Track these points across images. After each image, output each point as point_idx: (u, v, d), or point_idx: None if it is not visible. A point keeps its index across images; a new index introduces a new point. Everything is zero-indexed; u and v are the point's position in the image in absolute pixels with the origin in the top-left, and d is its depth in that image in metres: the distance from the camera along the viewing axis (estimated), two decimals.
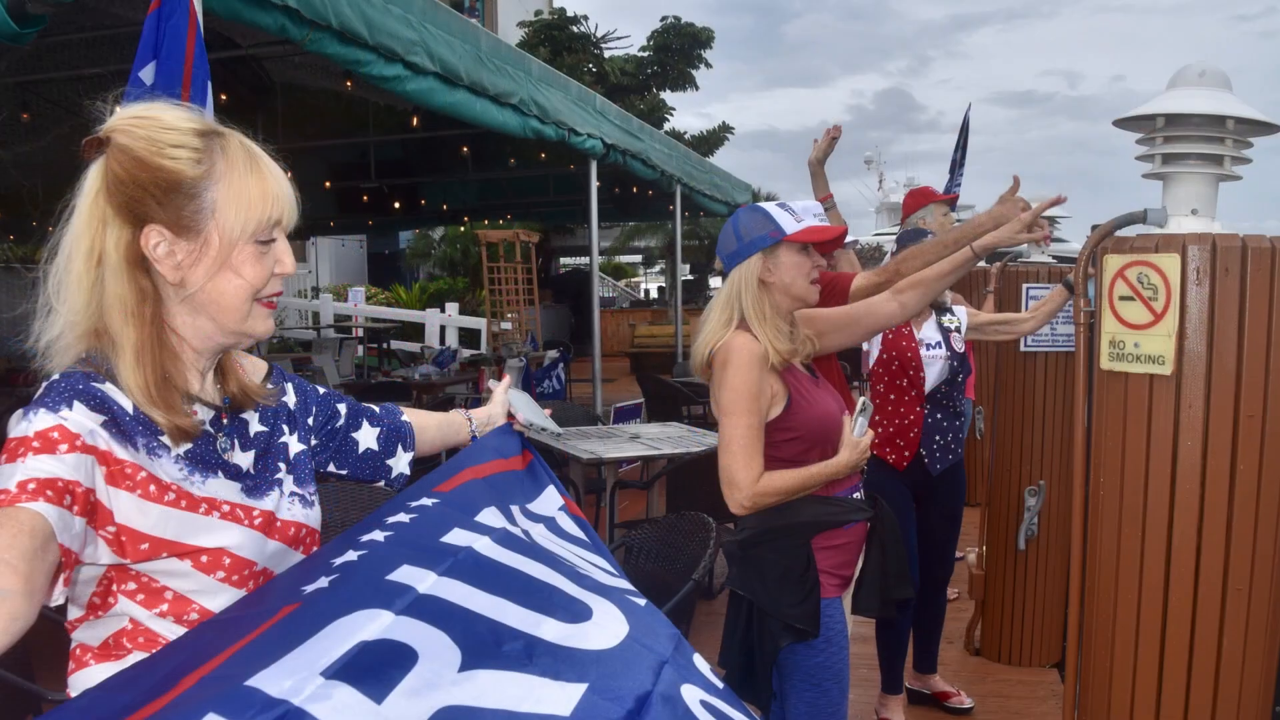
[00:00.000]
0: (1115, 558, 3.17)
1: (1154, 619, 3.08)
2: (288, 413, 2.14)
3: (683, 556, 4.33)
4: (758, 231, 3.35)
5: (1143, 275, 3.03)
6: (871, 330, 3.82)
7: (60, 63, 9.38)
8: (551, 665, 1.69)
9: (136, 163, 1.74)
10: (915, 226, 5.69)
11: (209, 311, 1.84)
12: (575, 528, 2.43)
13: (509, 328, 16.93)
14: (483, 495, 2.20)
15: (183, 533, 1.75)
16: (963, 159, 9.56)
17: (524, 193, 19.17)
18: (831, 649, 3.39)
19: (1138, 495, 3.09)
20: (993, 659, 6.20)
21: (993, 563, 6.20)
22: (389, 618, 1.59)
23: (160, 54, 4.25)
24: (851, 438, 3.34)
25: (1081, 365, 3.45)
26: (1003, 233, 3.65)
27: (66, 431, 1.61)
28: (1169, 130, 3.17)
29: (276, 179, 1.87)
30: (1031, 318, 5.39)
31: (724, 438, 3.30)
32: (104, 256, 1.77)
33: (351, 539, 1.84)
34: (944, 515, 5.29)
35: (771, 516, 3.32)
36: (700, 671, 1.98)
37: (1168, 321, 2.97)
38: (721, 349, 3.35)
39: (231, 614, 1.68)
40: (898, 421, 5.07)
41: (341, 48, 6.00)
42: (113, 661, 1.76)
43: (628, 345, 25.97)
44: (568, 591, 1.96)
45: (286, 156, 1.99)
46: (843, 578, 3.47)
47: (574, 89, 9.84)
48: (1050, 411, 5.90)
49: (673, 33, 28.50)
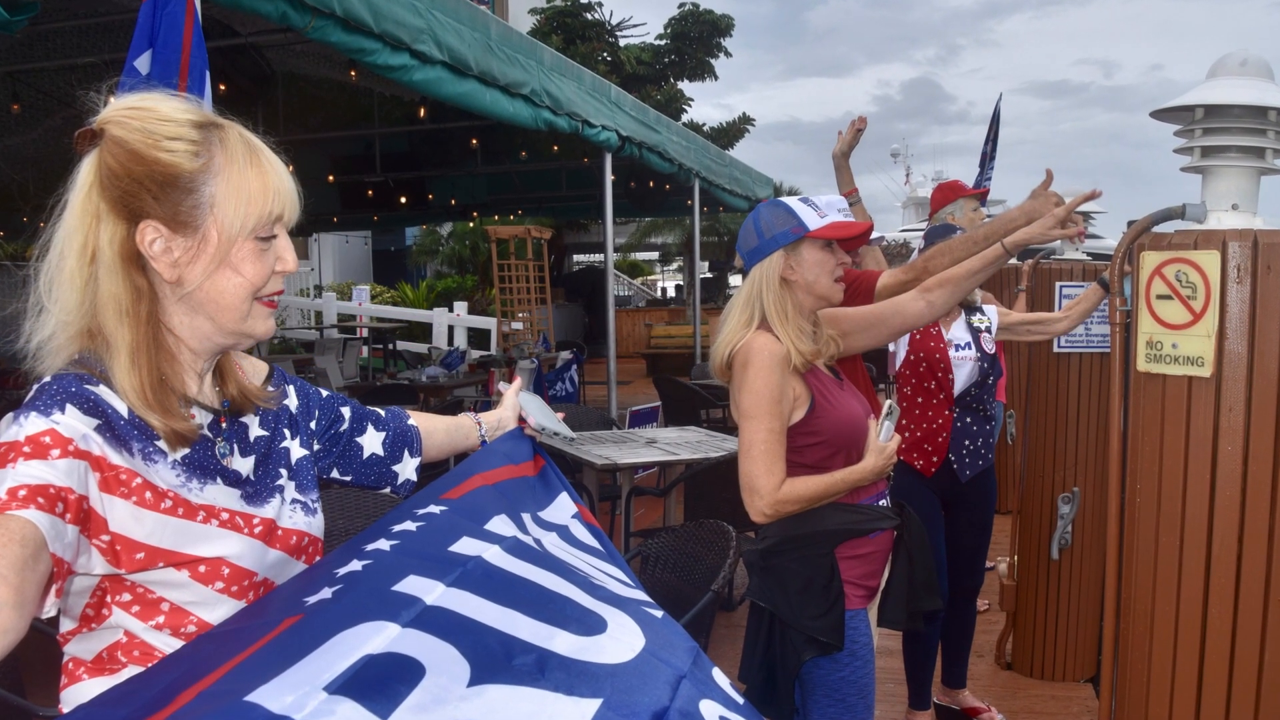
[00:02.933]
0: (1152, 567, 3.16)
1: (1193, 631, 3.06)
2: (289, 416, 2.14)
3: (701, 566, 4.32)
4: (780, 227, 3.35)
5: (1181, 273, 3.01)
6: (898, 330, 3.80)
7: (52, 51, 9.42)
8: (564, 680, 1.68)
9: (131, 156, 1.74)
10: (944, 222, 5.68)
11: (207, 311, 1.84)
12: (589, 536, 2.42)
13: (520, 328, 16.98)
14: (493, 502, 2.19)
15: (180, 541, 1.75)
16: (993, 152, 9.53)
17: (536, 187, 19.22)
18: (856, 663, 3.38)
19: (1176, 502, 3.07)
20: (1025, 673, 6.17)
21: (1025, 573, 6.17)
22: (395, 630, 1.58)
23: (156, 42, 4.26)
24: (877, 442, 3.34)
25: (1117, 367, 3.43)
26: (1035, 229, 3.64)
27: (59, 436, 1.61)
28: (1209, 122, 3.16)
29: (277, 173, 1.87)
30: (1065, 317, 5.37)
31: (744, 442, 3.29)
32: (98, 253, 1.76)
33: (356, 548, 1.84)
34: (974, 523, 5.27)
35: (794, 525, 3.31)
36: (720, 686, 1.97)
37: (1207, 321, 2.96)
38: (742, 350, 3.34)
39: (230, 626, 1.68)
40: (925, 426, 5.06)
41: (345, 35, 6.01)
42: (107, 676, 1.76)
43: (644, 346, 26.00)
44: (581, 603, 1.96)
45: (288, 149, 2.00)
46: (868, 588, 3.47)
47: (588, 79, 9.85)
48: (1084, 415, 5.87)
49: (691, 20, 28.48)
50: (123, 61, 4.26)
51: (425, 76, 6.95)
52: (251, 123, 1.92)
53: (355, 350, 19.61)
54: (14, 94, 10.24)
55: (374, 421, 2.41)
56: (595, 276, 31.05)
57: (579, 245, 35.95)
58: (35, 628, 1.47)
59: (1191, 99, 3.15)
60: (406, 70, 6.73)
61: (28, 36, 8.69)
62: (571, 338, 23.15)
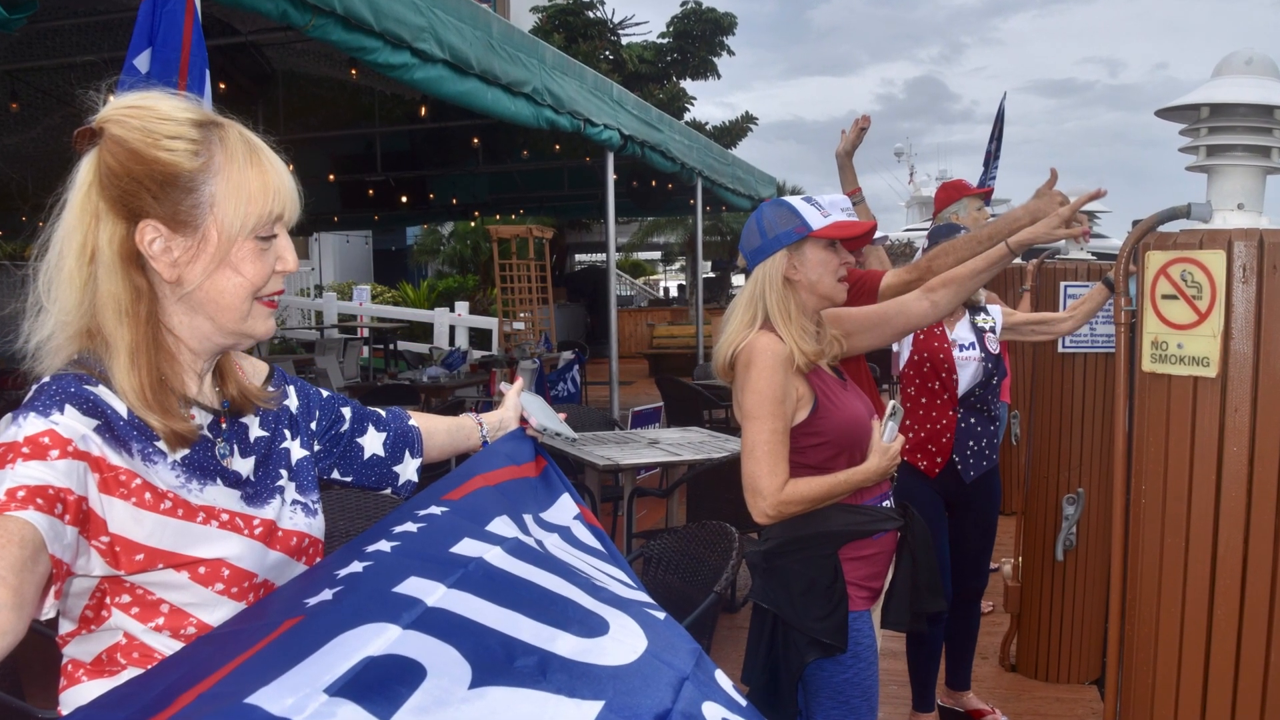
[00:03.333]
0: (1158, 569, 3.15)
1: (1198, 633, 3.06)
2: (290, 417, 2.14)
3: (704, 568, 4.32)
4: (783, 227, 3.35)
5: (1186, 273, 3.01)
6: (902, 330, 3.80)
7: (51, 50, 9.42)
8: (566, 682, 1.68)
9: (131, 155, 1.74)
10: (948, 221, 5.69)
11: (207, 311, 1.84)
12: (591, 538, 2.42)
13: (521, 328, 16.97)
14: (494, 503, 2.19)
15: (179, 543, 1.75)
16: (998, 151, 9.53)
17: (537, 186, 19.23)
18: (860, 665, 3.38)
19: (1181, 504, 3.07)
20: (1029, 675, 6.17)
21: (1029, 574, 6.17)
22: (396, 632, 1.59)
23: (156, 41, 4.26)
24: (881, 443, 3.34)
25: (1122, 367, 3.43)
26: (1040, 228, 3.64)
27: (58, 437, 1.61)
28: (1214, 121, 3.15)
29: (278, 172, 1.87)
30: (1070, 317, 5.36)
31: (747, 443, 3.29)
32: (97, 253, 1.76)
33: (357, 549, 1.84)
34: (978, 524, 5.27)
35: (797, 526, 3.32)
36: (722, 688, 1.97)
37: (1213, 321, 2.95)
38: (744, 350, 3.34)
39: (230, 628, 1.68)
40: (929, 426, 5.06)
41: (346, 34, 6.01)
42: (106, 678, 1.77)
43: (646, 346, 25.99)
44: (583, 604, 1.96)
45: (288, 148, 2.00)
46: (872, 590, 3.47)
47: (590, 77, 9.85)
48: (1089, 416, 5.87)
49: (693, 18, 28.45)
50: (122, 60, 4.26)
51: (426, 75, 6.95)
52: (252, 121, 1.92)
53: (356, 350, 19.61)
54: (13, 93, 10.24)
55: (375, 422, 2.41)
56: (597, 276, 30.99)
57: (581, 245, 35.93)
58: (34, 629, 1.48)
59: (1197, 98, 3.15)
60: (407, 69, 6.72)
61: (26, 35, 8.69)
62: (573, 338, 23.11)
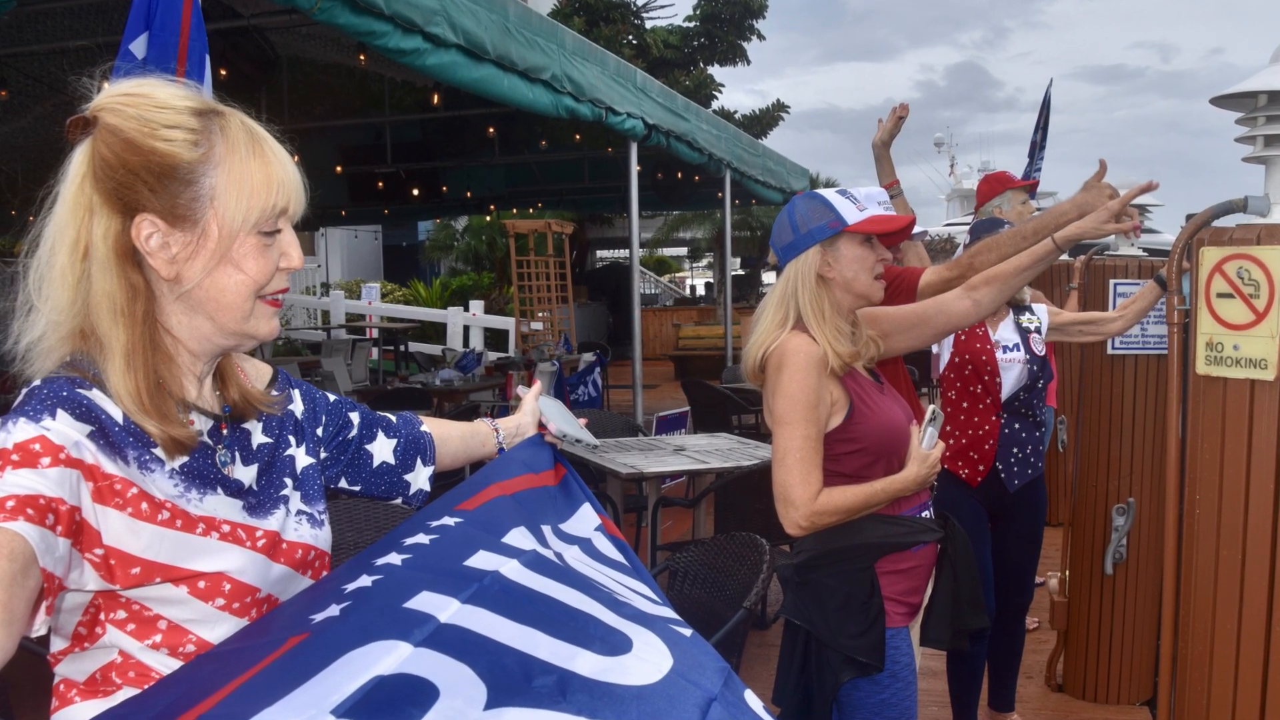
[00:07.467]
0: (1212, 583, 3.14)
1: (1255, 651, 3.04)
2: (294, 422, 2.14)
3: (732, 582, 4.32)
4: (816, 221, 3.34)
5: (1243, 270, 2.99)
6: (942, 331, 3.79)
7: (42, 34, 9.45)
8: (587, 703, 1.68)
9: (127, 145, 1.74)
10: (991, 216, 5.67)
11: (207, 310, 1.84)
12: (613, 550, 2.42)
13: (540, 328, 16.98)
14: (511, 514, 2.19)
15: (178, 556, 1.75)
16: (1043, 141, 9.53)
17: (556, 178, 19.24)
18: (897, 684, 3.37)
19: (1237, 514, 3.05)
20: (1077, 695, 6.15)
21: (1076, 589, 6.15)
22: (407, 650, 1.58)
23: (153, 24, 4.27)
24: (920, 450, 3.33)
25: (1175, 370, 3.41)
26: (1088, 223, 3.62)
27: (49, 443, 1.61)
28: (1272, 109, 3.14)
29: (282, 163, 1.86)
30: (1120, 317, 5.34)
31: (778, 450, 3.29)
32: (91, 249, 1.76)
33: (365, 562, 1.84)
34: (1022, 536, 5.26)
35: (831, 538, 3.30)
36: (752, 710, 1.96)
37: (1271, 321, 2.93)
38: (776, 352, 3.33)
39: (232, 645, 1.68)
40: (971, 432, 5.04)
41: (354, 17, 6.01)
42: (100, 698, 1.76)
43: (672, 347, 26.05)
44: (605, 621, 1.95)
45: (293, 138, 1.99)
46: (910, 605, 3.45)
47: (612, 63, 9.83)
48: (1140, 421, 5.84)
49: (721, 1, 28.45)
50: (117, 45, 4.27)
51: (439, 61, 6.93)
52: (254, 110, 1.92)
53: (365, 352, 19.66)
54: (2, 79, 10.27)
55: (384, 428, 2.40)
56: (620, 274, 31.06)
57: (603, 240, 36.00)
58: (25, 647, 1.48)
59: (1254, 85, 3.13)
60: (419, 54, 6.71)
61: (16, 18, 8.72)
62: (595, 339, 23.16)
